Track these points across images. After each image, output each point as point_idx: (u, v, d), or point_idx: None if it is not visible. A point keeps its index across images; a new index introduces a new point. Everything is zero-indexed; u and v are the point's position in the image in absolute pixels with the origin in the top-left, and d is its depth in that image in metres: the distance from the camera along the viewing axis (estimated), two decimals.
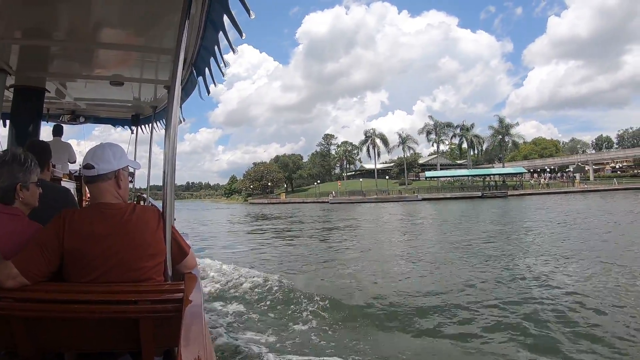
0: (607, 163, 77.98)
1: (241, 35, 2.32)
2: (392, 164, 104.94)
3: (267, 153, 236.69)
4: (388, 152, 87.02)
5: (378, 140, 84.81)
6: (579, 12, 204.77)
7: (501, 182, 69.96)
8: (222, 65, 2.87)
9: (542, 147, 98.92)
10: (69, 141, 6.33)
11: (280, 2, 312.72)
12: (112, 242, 1.80)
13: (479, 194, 60.82)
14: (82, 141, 10.31)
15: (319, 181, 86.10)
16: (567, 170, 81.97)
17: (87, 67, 4.19)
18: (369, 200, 64.86)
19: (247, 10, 2.05)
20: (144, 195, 7.28)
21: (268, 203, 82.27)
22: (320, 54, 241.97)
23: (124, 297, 1.74)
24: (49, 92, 4.82)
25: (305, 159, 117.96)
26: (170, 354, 1.99)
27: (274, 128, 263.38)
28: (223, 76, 3.14)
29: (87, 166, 1.90)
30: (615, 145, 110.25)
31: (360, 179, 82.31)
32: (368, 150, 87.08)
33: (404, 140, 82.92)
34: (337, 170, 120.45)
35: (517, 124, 79.62)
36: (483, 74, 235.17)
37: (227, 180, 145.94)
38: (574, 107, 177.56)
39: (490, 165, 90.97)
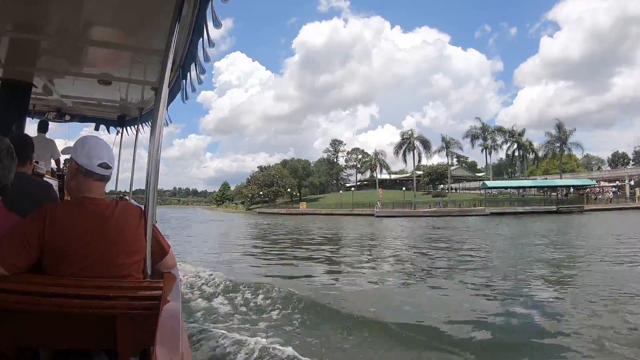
0: None
1: (212, 45, 2.39)
2: (408, 174, 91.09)
3: (255, 162, 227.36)
4: (428, 157, 70.54)
5: (418, 143, 68.41)
6: (571, 34, 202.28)
7: (564, 196, 57.71)
8: (202, 68, 2.79)
9: (562, 162, 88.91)
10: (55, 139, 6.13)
11: (278, 12, 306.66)
12: (92, 237, 1.72)
13: (554, 208, 49.41)
14: (69, 141, 7.45)
15: (353, 188, 68.98)
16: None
17: (76, 65, 3.95)
18: (425, 214, 49.58)
19: (216, 20, 2.14)
20: (127, 198, 6.40)
21: (287, 214, 65.05)
22: (316, 65, 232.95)
23: (101, 293, 1.67)
24: (36, 87, 4.54)
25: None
26: (147, 354, 1.80)
27: (264, 137, 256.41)
28: (200, 83, 3.03)
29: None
30: (631, 162, 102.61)
31: (403, 189, 66.53)
32: (404, 155, 70.54)
33: (447, 144, 66.90)
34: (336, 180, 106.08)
35: (575, 129, 65.86)
36: (473, 91, 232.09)
37: (218, 187, 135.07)
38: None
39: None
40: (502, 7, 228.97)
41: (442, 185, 79.02)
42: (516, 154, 68.19)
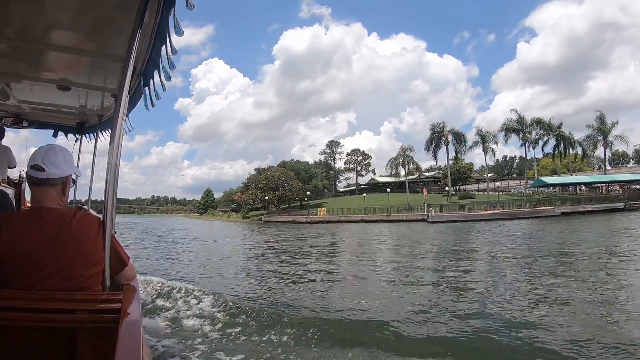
0: None
1: (174, 52, 2.26)
2: (415, 176, 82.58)
3: (233, 170, 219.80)
4: (463, 152, 60.33)
5: (451, 138, 58.19)
6: (548, 40, 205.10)
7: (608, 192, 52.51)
8: (167, 75, 2.60)
9: (567, 162, 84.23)
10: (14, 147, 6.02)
11: (260, 18, 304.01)
12: (50, 248, 1.65)
13: (621, 205, 44.28)
14: (31, 148, 5.66)
15: (389, 190, 58.42)
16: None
17: (34, 69, 3.68)
18: (491, 217, 40.74)
19: (178, 27, 2.05)
20: (85, 207, 5.93)
21: (307, 222, 54.34)
22: (296, 72, 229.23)
23: (60, 306, 1.60)
24: None
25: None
26: None
27: (242, 144, 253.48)
28: (163, 90, 2.85)
29: (36, 167, 1.75)
30: (632, 161, 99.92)
31: (427, 191, 57.12)
32: (435, 151, 59.99)
33: (484, 139, 57.84)
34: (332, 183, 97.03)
35: (617, 122, 58.26)
36: (452, 97, 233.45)
37: (196, 195, 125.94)
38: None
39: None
40: (480, 14, 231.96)
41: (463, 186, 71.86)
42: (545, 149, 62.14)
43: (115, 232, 2.19)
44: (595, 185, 58.07)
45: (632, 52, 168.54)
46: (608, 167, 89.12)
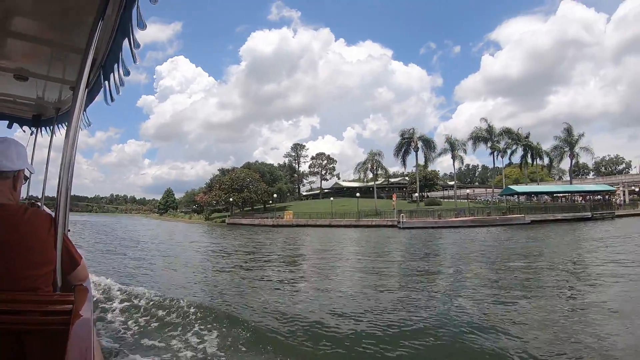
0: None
1: (137, 46, 2.16)
2: (380, 181, 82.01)
3: (194, 170, 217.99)
4: (432, 159, 59.81)
5: (421, 144, 57.43)
6: (512, 54, 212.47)
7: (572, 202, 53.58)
8: (126, 70, 2.51)
9: (531, 172, 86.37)
10: None
11: (229, 18, 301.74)
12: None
13: (589, 214, 45.14)
14: None
15: (358, 194, 55.21)
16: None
17: None
18: (463, 224, 39.95)
19: (140, 21, 1.95)
20: (38, 204, 5.74)
21: (273, 225, 52.12)
22: (262, 74, 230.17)
23: (10, 307, 1.54)
24: None
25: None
26: None
27: (204, 145, 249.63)
28: (122, 85, 2.69)
29: None
30: (591, 172, 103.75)
31: (404, 197, 56.04)
32: (404, 157, 58.83)
33: (453, 146, 57.50)
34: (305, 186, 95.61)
35: (583, 134, 59.06)
36: (415, 105, 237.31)
37: (156, 195, 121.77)
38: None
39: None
40: (447, 25, 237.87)
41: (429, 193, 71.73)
42: (512, 158, 63.38)
43: (69, 231, 2.08)
44: (557, 195, 59.01)
45: (593, 69, 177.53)
46: (566, 178, 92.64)
